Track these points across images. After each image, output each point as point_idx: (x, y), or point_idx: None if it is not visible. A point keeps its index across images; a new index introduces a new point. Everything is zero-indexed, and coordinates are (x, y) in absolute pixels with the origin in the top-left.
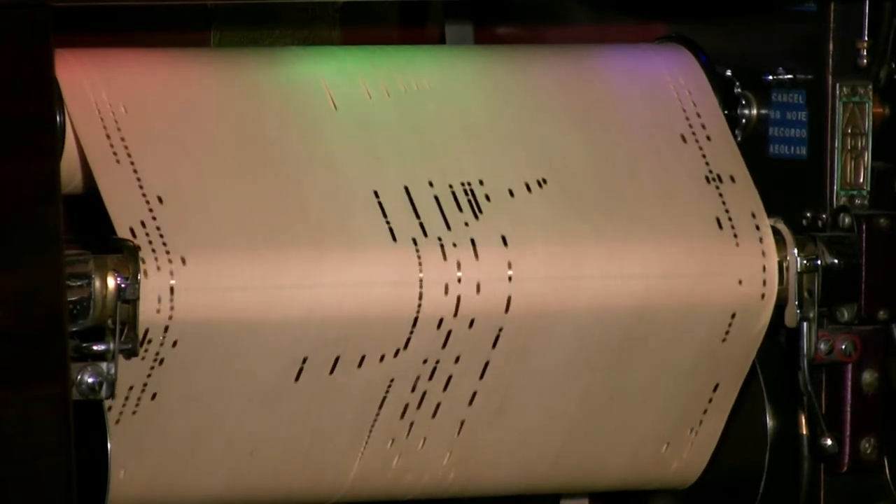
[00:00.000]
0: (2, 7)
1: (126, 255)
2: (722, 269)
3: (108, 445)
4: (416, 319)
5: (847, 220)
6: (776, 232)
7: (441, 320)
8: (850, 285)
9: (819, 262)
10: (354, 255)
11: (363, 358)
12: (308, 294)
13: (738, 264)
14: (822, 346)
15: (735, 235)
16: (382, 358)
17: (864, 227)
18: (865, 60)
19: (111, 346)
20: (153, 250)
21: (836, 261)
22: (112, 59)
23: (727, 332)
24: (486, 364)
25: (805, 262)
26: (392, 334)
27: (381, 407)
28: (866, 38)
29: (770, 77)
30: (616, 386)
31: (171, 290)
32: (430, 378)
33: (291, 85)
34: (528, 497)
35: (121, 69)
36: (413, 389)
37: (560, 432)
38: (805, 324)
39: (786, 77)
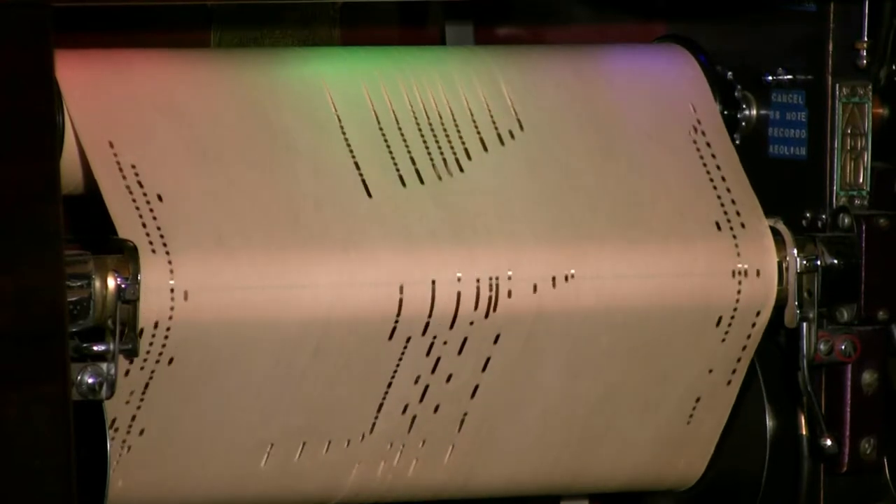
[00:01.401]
0: (2, 6)
1: (126, 256)
2: (721, 269)
3: (108, 446)
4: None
5: (847, 220)
6: (776, 232)
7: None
8: (849, 285)
9: (819, 262)
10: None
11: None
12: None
13: (737, 265)
14: (822, 347)
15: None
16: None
17: (863, 227)
18: (865, 61)
19: (111, 346)
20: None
21: (835, 261)
22: (112, 59)
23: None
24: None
25: (805, 262)
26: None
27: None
28: (866, 39)
29: (770, 77)
30: (616, 387)
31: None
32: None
33: (295, 87)
34: (528, 498)
35: (121, 69)
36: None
37: (560, 434)
38: (805, 324)
39: (785, 77)
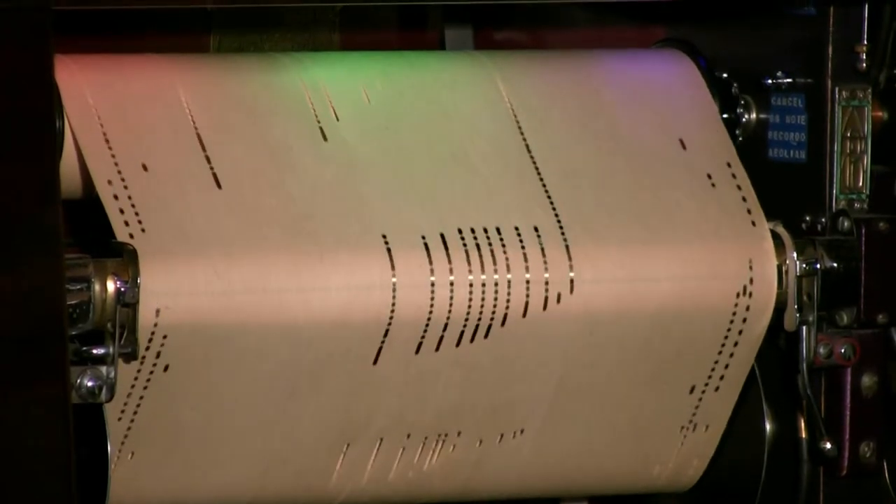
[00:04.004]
0: (2, 9)
1: (126, 259)
2: (721, 272)
3: (108, 447)
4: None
5: (846, 223)
6: (775, 235)
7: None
8: (849, 289)
9: (818, 265)
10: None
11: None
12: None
13: (736, 268)
14: (822, 350)
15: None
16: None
17: (863, 230)
18: (865, 64)
19: (111, 349)
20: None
21: (835, 264)
22: (112, 65)
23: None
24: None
25: (804, 265)
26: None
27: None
28: (865, 42)
29: (769, 81)
30: (615, 390)
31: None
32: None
33: (290, 92)
34: (528, 499)
35: (121, 75)
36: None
37: (563, 436)
38: (804, 327)
39: (785, 81)
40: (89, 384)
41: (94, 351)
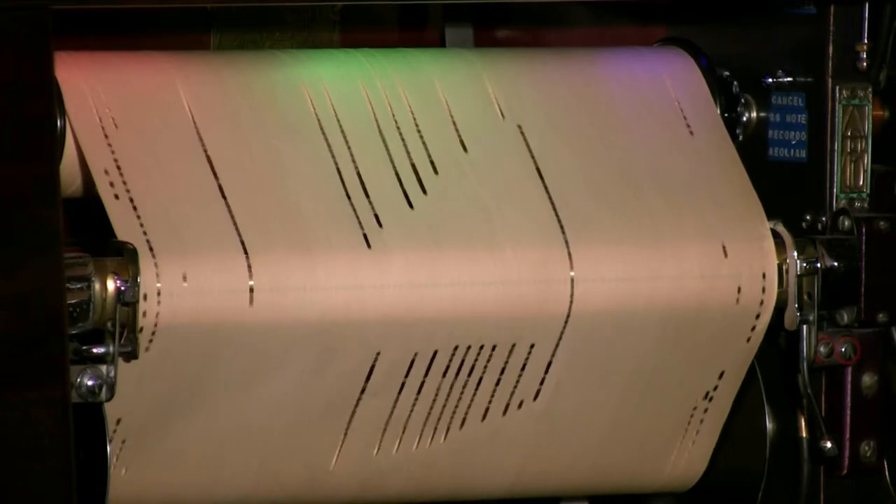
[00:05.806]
0: (2, 9)
1: (126, 258)
2: (722, 271)
3: (108, 447)
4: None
5: (847, 222)
6: (776, 235)
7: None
8: (849, 288)
9: (819, 264)
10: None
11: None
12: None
13: (737, 267)
14: (822, 349)
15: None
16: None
17: (863, 229)
18: (865, 63)
19: (111, 348)
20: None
21: (835, 263)
22: (112, 63)
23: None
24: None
25: (805, 264)
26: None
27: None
28: (866, 41)
29: (770, 80)
30: (616, 390)
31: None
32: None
33: (289, 90)
34: (528, 499)
35: (121, 73)
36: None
37: (563, 436)
38: (805, 326)
39: (786, 80)
40: (89, 383)
41: (94, 350)
